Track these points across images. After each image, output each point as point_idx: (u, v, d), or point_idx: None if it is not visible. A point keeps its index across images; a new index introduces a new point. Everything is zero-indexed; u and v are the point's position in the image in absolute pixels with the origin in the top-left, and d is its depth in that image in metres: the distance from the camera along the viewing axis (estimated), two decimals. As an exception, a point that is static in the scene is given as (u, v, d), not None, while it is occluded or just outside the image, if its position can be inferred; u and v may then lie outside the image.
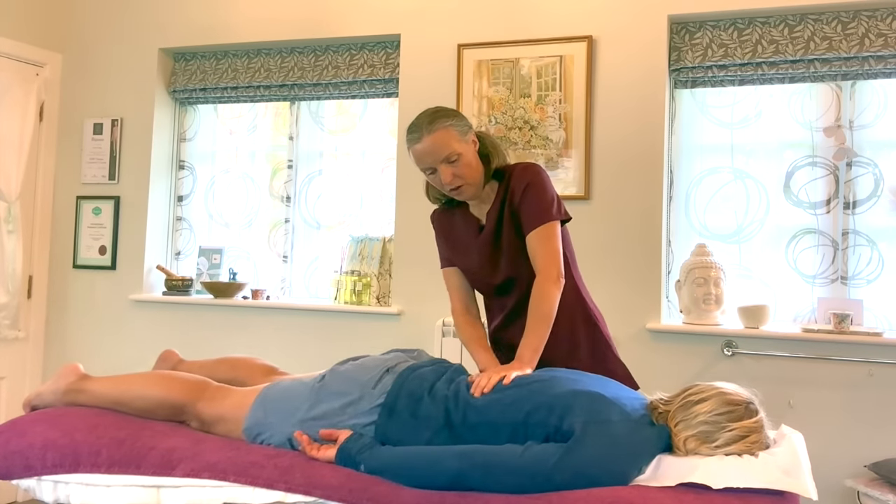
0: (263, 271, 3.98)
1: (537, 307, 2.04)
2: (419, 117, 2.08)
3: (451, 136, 2.04)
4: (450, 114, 2.07)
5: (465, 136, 2.08)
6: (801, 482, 1.55)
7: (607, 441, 1.62)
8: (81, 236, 4.07)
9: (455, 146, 2.04)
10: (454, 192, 2.10)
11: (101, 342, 4.02)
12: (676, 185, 3.33)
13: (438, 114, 2.06)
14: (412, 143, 2.06)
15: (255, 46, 3.89)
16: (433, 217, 2.32)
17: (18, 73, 3.92)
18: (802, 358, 2.99)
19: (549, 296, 2.04)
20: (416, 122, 2.07)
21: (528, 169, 2.13)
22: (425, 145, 2.03)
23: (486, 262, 2.18)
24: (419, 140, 2.04)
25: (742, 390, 1.75)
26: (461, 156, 2.05)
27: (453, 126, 2.05)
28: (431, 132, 2.03)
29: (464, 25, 3.49)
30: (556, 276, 2.06)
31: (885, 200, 3.10)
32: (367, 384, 1.88)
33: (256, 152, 4.03)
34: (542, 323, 2.03)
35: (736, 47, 3.18)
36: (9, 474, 1.90)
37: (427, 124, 2.04)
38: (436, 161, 2.05)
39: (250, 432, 1.91)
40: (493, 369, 1.94)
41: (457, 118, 2.08)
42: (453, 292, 2.28)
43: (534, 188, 2.09)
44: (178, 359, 2.39)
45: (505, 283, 2.17)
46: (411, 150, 2.07)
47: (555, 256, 2.07)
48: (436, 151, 2.03)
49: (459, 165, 2.06)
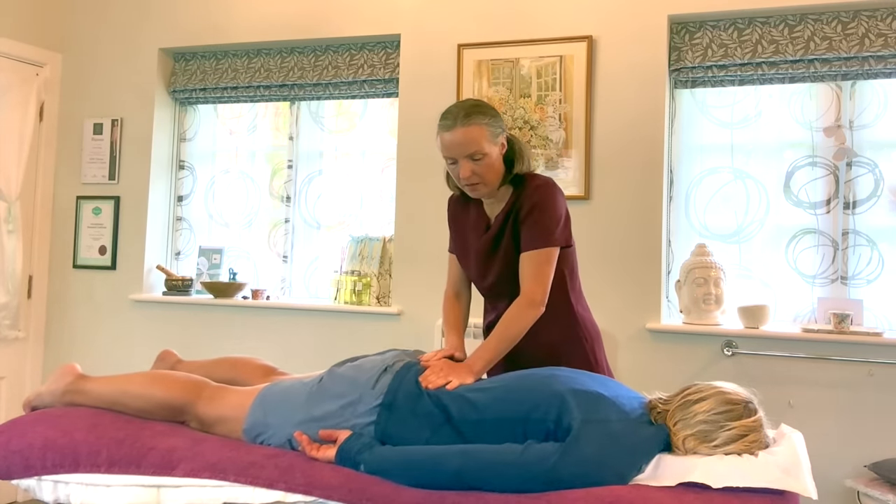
0: (263, 271, 3.98)
1: (507, 326, 2.03)
2: (457, 106, 2.07)
3: (482, 135, 2.04)
4: (487, 112, 2.07)
5: (496, 137, 2.08)
6: (801, 482, 1.55)
7: (606, 440, 1.62)
8: (81, 236, 4.07)
9: (483, 145, 2.04)
10: (468, 188, 2.11)
11: (101, 342, 4.02)
12: (676, 185, 3.33)
13: (476, 109, 2.05)
14: (443, 129, 2.05)
15: (255, 46, 3.89)
16: (450, 201, 2.33)
17: (18, 73, 3.92)
18: (802, 358, 2.99)
19: (522, 319, 2.04)
20: (452, 110, 2.06)
21: (542, 187, 2.10)
22: (455, 136, 2.03)
23: (480, 262, 2.19)
24: (450, 129, 2.04)
25: (741, 390, 1.75)
26: (486, 156, 2.05)
27: (487, 125, 2.05)
28: (465, 125, 2.02)
29: (464, 25, 3.49)
30: (538, 303, 2.05)
31: (885, 200, 3.09)
32: (366, 384, 1.87)
33: (256, 152, 4.04)
34: (504, 342, 2.03)
35: (736, 47, 3.18)
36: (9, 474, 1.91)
37: (463, 116, 2.03)
38: (460, 154, 2.04)
39: (250, 433, 1.91)
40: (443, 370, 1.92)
41: (493, 118, 2.07)
42: (451, 276, 2.33)
43: (540, 209, 2.07)
44: (177, 359, 2.39)
45: (494, 287, 2.19)
46: (439, 136, 2.07)
47: (542, 283, 2.05)
48: (463, 145, 2.03)
49: (481, 164, 2.06)
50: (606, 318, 3.21)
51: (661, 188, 3.20)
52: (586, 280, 3.23)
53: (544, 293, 2.06)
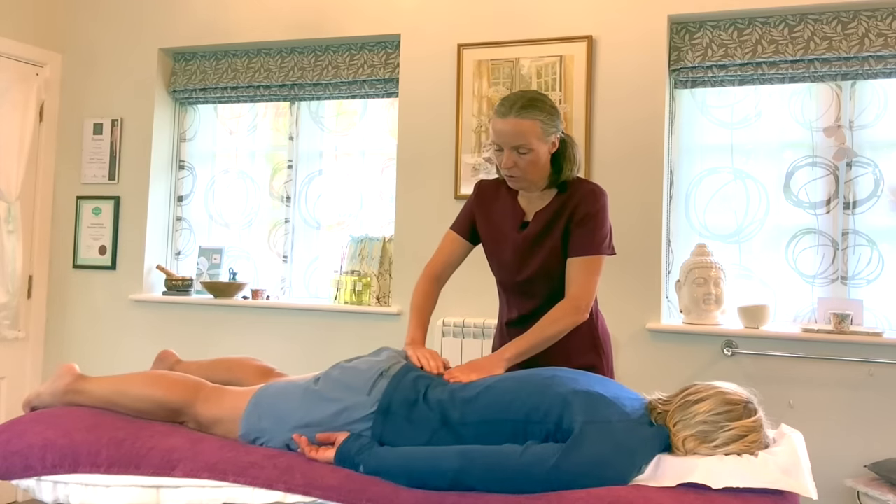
0: (263, 271, 3.98)
1: (547, 326, 2.04)
2: (517, 94, 2.04)
3: (533, 130, 2.01)
4: (545, 108, 2.04)
5: (549, 136, 2.05)
6: (801, 482, 1.54)
7: (606, 441, 1.62)
8: (81, 236, 4.07)
9: (532, 141, 2.02)
10: (507, 177, 2.08)
11: (101, 342, 4.02)
12: (676, 184, 3.33)
13: (534, 103, 2.02)
14: (497, 115, 2.03)
15: (255, 46, 3.89)
16: (479, 185, 2.28)
17: (18, 73, 3.92)
18: (802, 358, 2.98)
19: (564, 321, 2.04)
20: (511, 97, 2.03)
21: (599, 194, 2.10)
22: (506, 125, 2.01)
23: (519, 257, 2.16)
24: (503, 117, 2.02)
25: (741, 390, 1.75)
26: (532, 152, 2.03)
27: (542, 122, 2.02)
28: (519, 117, 2.00)
29: (464, 25, 3.49)
30: (584, 309, 2.06)
31: (885, 200, 3.09)
32: (362, 390, 1.86)
33: (256, 152, 4.04)
34: (542, 339, 2.03)
35: (736, 47, 3.17)
36: (8, 474, 1.90)
37: (519, 107, 2.01)
38: (507, 144, 2.02)
39: (247, 437, 1.91)
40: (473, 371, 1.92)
41: (550, 116, 2.04)
42: (442, 255, 2.26)
43: (597, 218, 2.08)
44: (176, 359, 2.39)
45: (527, 283, 2.16)
46: (492, 121, 2.05)
47: (590, 289, 2.06)
48: (512, 136, 2.01)
49: (525, 159, 2.03)
50: (607, 318, 3.21)
51: (661, 188, 3.20)
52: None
53: (590, 301, 2.06)
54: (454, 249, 2.27)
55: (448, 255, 2.26)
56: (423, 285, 2.25)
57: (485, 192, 2.26)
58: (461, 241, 2.26)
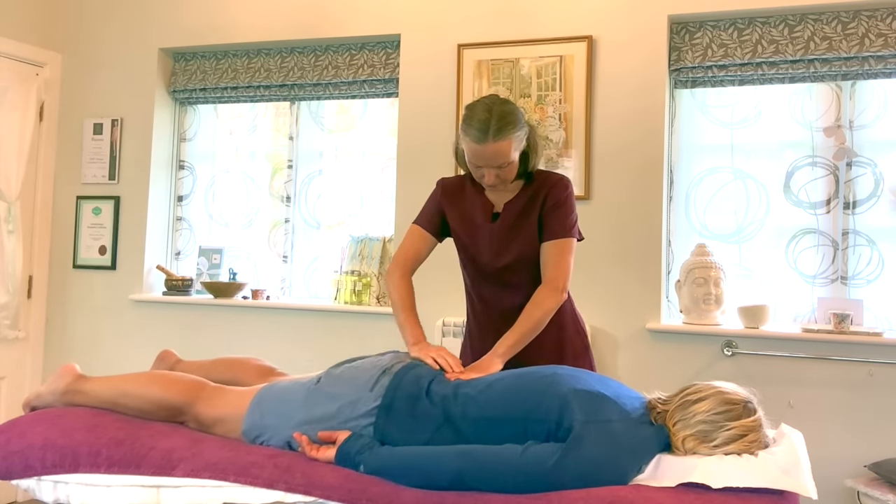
0: (263, 271, 3.98)
1: (532, 311, 2.09)
2: (485, 115, 2.02)
3: (511, 147, 2.05)
4: (515, 120, 2.05)
5: (521, 141, 2.10)
6: (801, 482, 1.55)
7: (606, 440, 1.62)
8: (81, 236, 4.07)
9: (511, 155, 2.07)
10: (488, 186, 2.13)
11: (101, 342, 4.02)
12: (676, 185, 3.33)
13: (507, 121, 2.03)
14: (473, 140, 2.03)
15: (255, 46, 3.89)
16: (443, 183, 2.30)
17: (18, 73, 3.92)
18: (802, 358, 2.98)
19: (546, 304, 2.09)
20: (482, 119, 2.02)
21: (567, 184, 2.19)
22: (486, 151, 2.03)
23: (497, 245, 2.20)
24: (481, 142, 2.02)
25: (740, 389, 1.75)
26: (511, 163, 2.08)
27: (516, 136, 2.06)
28: (497, 141, 2.02)
29: (464, 25, 3.49)
30: (562, 289, 2.12)
31: (885, 200, 3.09)
32: (364, 386, 1.87)
33: (256, 152, 4.04)
34: (531, 325, 2.07)
35: (736, 47, 3.18)
36: (9, 474, 1.91)
37: (495, 132, 2.01)
38: (488, 165, 2.06)
39: (248, 435, 1.91)
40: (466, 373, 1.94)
41: (520, 123, 2.07)
42: (411, 249, 2.25)
43: (566, 205, 2.16)
44: (176, 359, 2.39)
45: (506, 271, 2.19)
46: (467, 144, 2.06)
47: (565, 270, 2.13)
48: (493, 159, 2.05)
49: (506, 170, 2.09)
50: (606, 318, 3.22)
51: (661, 188, 3.20)
52: (586, 280, 3.24)
53: (566, 281, 2.13)
54: (421, 245, 2.27)
55: (417, 251, 2.27)
56: (400, 281, 2.23)
57: (450, 189, 2.29)
58: (428, 236, 2.28)
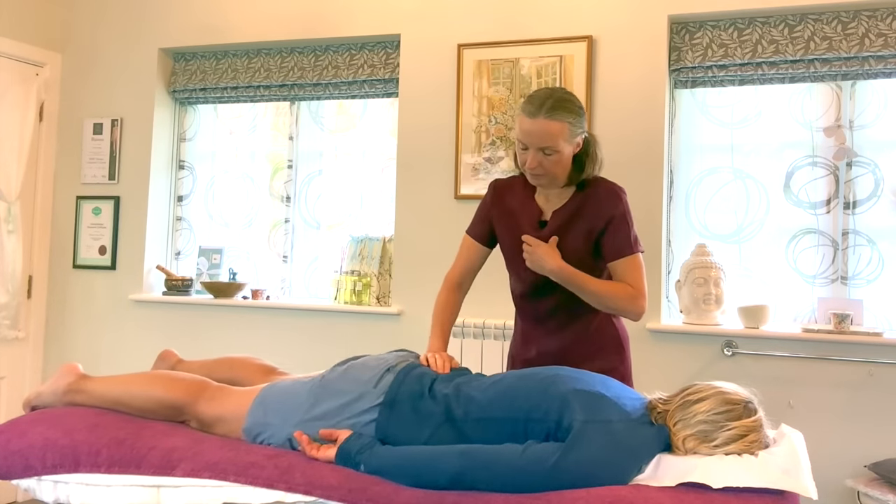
0: (263, 271, 3.98)
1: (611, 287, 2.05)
2: (546, 93, 2.01)
3: (561, 133, 2.00)
4: (574, 109, 2.02)
5: (575, 137, 2.04)
6: (801, 482, 1.54)
7: (607, 440, 1.62)
8: (81, 236, 4.07)
9: (559, 143, 2.00)
10: (530, 175, 2.07)
11: (101, 342, 4.02)
12: (676, 185, 3.33)
13: (563, 104, 2.00)
14: (525, 113, 2.01)
15: (255, 46, 3.89)
16: (494, 184, 2.26)
17: (18, 73, 3.92)
18: (802, 358, 2.99)
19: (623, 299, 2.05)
20: (540, 96, 2.01)
21: (621, 195, 2.11)
22: (535, 126, 1.99)
23: None
24: (532, 117, 1.99)
25: (741, 389, 1.75)
26: (558, 153, 2.02)
27: (570, 124, 2.01)
28: (548, 118, 1.98)
29: (464, 25, 3.49)
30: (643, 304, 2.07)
31: (885, 200, 3.09)
32: (368, 383, 1.87)
33: (256, 152, 4.04)
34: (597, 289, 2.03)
35: (736, 47, 3.18)
36: (9, 474, 1.91)
37: (548, 108, 1.98)
38: (533, 144, 2.00)
39: (250, 433, 1.91)
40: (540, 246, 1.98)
41: (578, 117, 2.03)
42: (463, 261, 2.26)
43: (625, 219, 2.09)
44: (177, 359, 2.39)
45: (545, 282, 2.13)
46: (519, 118, 2.03)
47: (643, 284, 2.08)
48: (540, 137, 1.99)
49: (551, 160, 2.02)
50: (606, 318, 3.21)
51: (661, 188, 3.20)
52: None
53: (645, 293, 2.08)
54: (472, 255, 2.26)
55: (466, 261, 2.26)
56: (443, 295, 2.25)
57: (500, 191, 2.24)
58: (478, 246, 2.25)
